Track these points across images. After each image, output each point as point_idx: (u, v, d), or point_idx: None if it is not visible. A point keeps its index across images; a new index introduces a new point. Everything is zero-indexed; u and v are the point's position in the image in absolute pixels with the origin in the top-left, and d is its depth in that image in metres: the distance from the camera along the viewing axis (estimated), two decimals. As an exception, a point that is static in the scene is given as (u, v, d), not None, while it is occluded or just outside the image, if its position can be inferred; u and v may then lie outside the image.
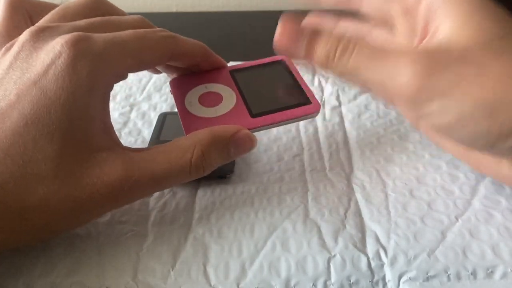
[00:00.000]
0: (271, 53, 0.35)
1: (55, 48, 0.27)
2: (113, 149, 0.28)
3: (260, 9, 0.79)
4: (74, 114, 0.26)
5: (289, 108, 0.32)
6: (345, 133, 0.40)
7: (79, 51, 0.27)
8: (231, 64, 0.49)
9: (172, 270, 0.28)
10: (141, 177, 0.27)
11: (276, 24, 0.34)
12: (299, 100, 0.33)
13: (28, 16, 0.34)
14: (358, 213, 0.32)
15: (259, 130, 0.32)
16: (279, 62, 0.37)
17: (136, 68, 0.31)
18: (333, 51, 0.28)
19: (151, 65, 0.33)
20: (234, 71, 0.36)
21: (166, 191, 0.34)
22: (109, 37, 0.29)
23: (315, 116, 0.34)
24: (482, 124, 0.25)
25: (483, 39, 0.25)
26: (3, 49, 0.29)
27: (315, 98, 0.33)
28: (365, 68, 0.27)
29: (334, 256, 0.29)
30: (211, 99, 0.33)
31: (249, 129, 0.31)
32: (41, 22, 0.31)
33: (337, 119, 0.42)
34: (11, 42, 0.29)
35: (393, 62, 0.26)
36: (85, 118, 0.27)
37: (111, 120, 0.30)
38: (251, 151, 0.31)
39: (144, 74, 0.51)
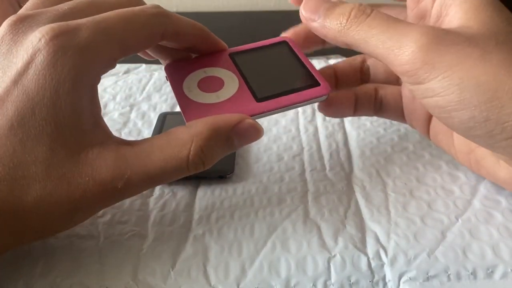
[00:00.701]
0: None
1: (34, 43, 0.25)
2: (105, 144, 0.27)
3: (260, 9, 0.79)
4: (60, 113, 0.25)
5: (296, 91, 0.30)
6: (345, 133, 0.40)
7: (59, 46, 0.25)
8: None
9: (172, 270, 0.28)
10: (134, 175, 0.26)
11: (276, 24, 0.34)
12: (306, 82, 0.31)
13: (17, 2, 0.32)
14: (358, 213, 0.32)
15: (265, 116, 0.30)
16: (283, 43, 0.35)
17: (125, 54, 0.29)
18: (347, 12, 0.28)
19: (142, 49, 0.31)
20: (234, 54, 0.34)
21: (166, 191, 0.34)
22: (93, 24, 0.27)
23: (324, 99, 0.32)
24: (481, 109, 0.24)
25: (490, 31, 0.25)
26: None
27: (324, 80, 0.31)
28: (378, 33, 0.27)
29: (334, 256, 0.29)
30: (212, 84, 0.31)
31: (254, 114, 0.29)
32: (22, 10, 0.29)
33: (337, 119, 0.42)
34: None
35: (403, 31, 0.26)
36: (71, 116, 0.26)
37: (106, 116, 0.29)
38: (256, 143, 0.29)
39: (144, 74, 0.51)
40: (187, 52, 0.34)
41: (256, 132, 0.29)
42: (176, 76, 0.32)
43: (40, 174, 0.25)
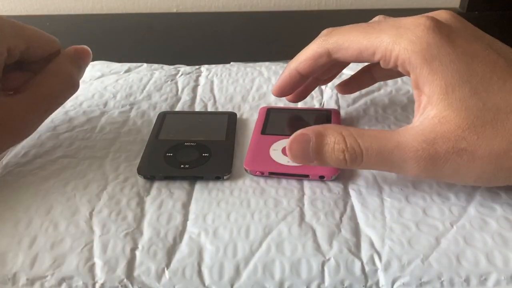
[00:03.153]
0: (271, 53, 0.36)
1: None
2: None
3: (260, 10, 0.79)
4: None
5: None
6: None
7: None
8: (232, 63, 0.51)
9: (166, 269, 0.28)
10: None
11: (276, 24, 0.34)
12: None
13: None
14: (354, 218, 0.32)
15: None
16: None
17: (27, 53, 0.37)
18: (342, 160, 0.31)
19: (38, 56, 0.38)
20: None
21: (163, 190, 0.34)
22: (10, 21, 0.36)
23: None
24: (484, 185, 0.32)
25: (467, 121, 0.29)
26: None
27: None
28: (376, 167, 0.31)
29: (329, 259, 0.29)
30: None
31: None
32: None
33: (335, 123, 0.42)
34: None
35: (400, 161, 0.30)
36: None
37: (106, 114, 0.31)
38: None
39: (145, 73, 0.51)
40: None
41: None
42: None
43: None
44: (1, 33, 0.35)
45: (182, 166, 0.36)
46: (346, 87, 0.44)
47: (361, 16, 0.34)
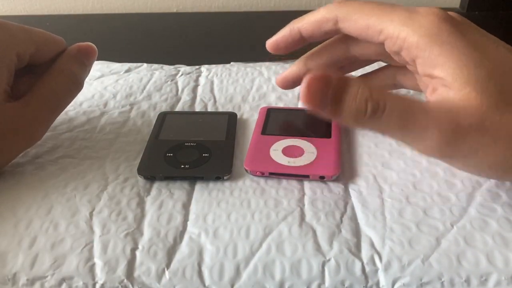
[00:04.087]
0: (271, 53, 0.36)
1: None
2: None
3: (260, 9, 0.79)
4: None
5: None
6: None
7: None
8: (233, 63, 0.51)
9: (167, 270, 0.28)
10: None
11: (276, 24, 0.34)
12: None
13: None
14: (354, 218, 0.32)
15: None
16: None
17: (35, 56, 0.37)
18: (362, 110, 0.28)
19: (45, 58, 0.39)
20: None
21: (163, 190, 0.34)
22: (19, 25, 0.36)
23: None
24: (496, 176, 0.32)
25: (489, 101, 0.27)
26: None
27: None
28: (395, 129, 0.29)
29: (329, 260, 0.29)
30: (294, 151, 0.37)
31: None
32: None
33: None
34: None
35: (421, 127, 0.28)
36: None
37: (106, 114, 0.31)
38: None
39: (145, 73, 0.51)
40: None
41: None
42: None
43: None
44: (11, 39, 0.35)
45: (182, 166, 0.36)
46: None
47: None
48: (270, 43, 0.37)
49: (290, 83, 0.39)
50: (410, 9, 0.31)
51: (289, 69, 0.39)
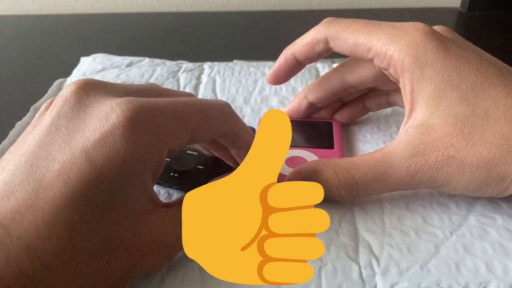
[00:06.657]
0: (271, 53, 0.36)
1: (110, 116, 0.24)
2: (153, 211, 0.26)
3: (260, 9, 0.79)
4: (125, 190, 0.24)
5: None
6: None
7: (138, 123, 0.24)
8: (235, 61, 0.49)
9: (165, 275, 0.28)
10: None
11: (276, 24, 0.34)
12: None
13: None
14: (353, 223, 0.31)
15: None
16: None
17: (190, 143, 0.28)
18: (341, 195, 0.31)
19: (203, 141, 0.31)
20: None
21: (161, 192, 0.34)
22: (171, 107, 0.26)
23: None
24: (474, 193, 0.31)
25: (455, 128, 0.29)
26: (42, 107, 0.27)
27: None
28: (375, 191, 0.32)
29: (326, 264, 0.28)
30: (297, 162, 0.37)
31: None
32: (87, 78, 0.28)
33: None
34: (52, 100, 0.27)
35: (395, 179, 0.30)
36: (135, 194, 0.25)
37: None
38: None
39: (147, 68, 0.51)
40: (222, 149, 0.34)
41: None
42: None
43: (99, 247, 0.23)
44: (158, 132, 0.26)
45: (171, 174, 0.35)
46: (341, 116, 0.42)
47: (361, 16, 0.35)
48: (270, 77, 0.39)
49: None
50: (396, 26, 0.32)
51: (291, 102, 0.41)
